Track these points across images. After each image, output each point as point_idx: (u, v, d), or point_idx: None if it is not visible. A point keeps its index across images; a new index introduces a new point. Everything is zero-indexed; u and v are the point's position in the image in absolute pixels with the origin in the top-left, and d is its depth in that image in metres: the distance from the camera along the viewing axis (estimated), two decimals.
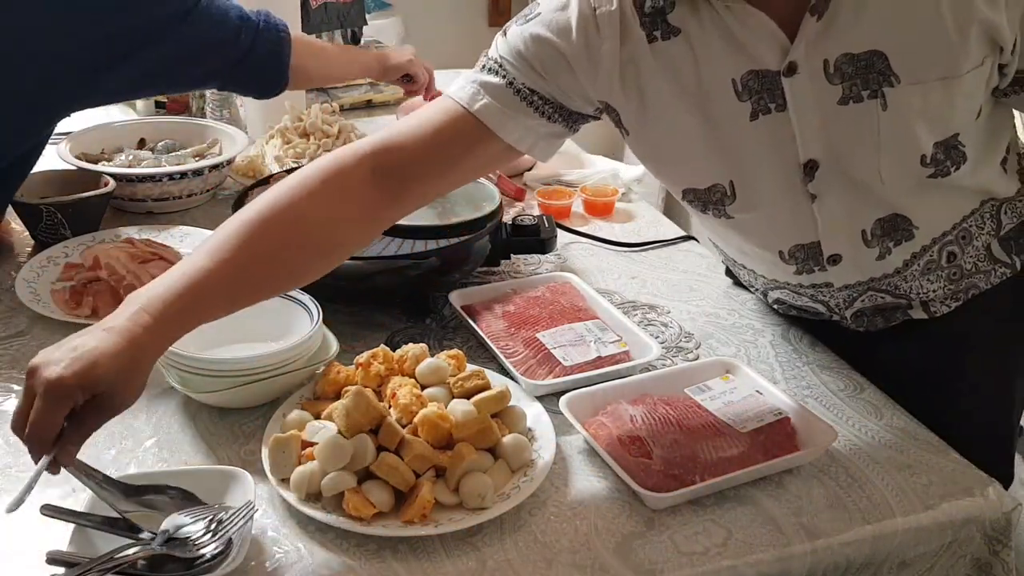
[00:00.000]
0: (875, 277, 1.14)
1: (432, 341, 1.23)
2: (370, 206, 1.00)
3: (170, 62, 1.33)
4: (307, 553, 0.89)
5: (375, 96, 2.12)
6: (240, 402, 1.08)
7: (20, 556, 0.88)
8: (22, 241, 1.46)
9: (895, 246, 1.10)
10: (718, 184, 1.08)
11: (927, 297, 1.17)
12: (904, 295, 1.17)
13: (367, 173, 0.99)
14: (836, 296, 1.18)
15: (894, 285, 1.16)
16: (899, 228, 1.09)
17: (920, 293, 1.17)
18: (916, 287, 1.16)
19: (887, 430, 1.09)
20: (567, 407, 1.04)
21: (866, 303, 1.18)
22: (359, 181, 0.99)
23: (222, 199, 1.62)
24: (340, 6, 2.12)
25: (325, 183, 0.97)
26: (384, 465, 0.93)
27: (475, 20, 3.45)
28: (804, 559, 0.92)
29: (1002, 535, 0.99)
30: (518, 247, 1.39)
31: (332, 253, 1.00)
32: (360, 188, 0.99)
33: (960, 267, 1.16)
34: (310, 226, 0.96)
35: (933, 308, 1.18)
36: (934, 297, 1.17)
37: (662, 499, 0.94)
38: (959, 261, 1.15)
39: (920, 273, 1.15)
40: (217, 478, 0.95)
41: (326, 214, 0.97)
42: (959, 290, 1.17)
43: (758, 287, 1.30)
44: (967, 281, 1.17)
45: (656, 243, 1.53)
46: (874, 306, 1.19)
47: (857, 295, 1.17)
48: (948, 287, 1.17)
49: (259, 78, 1.46)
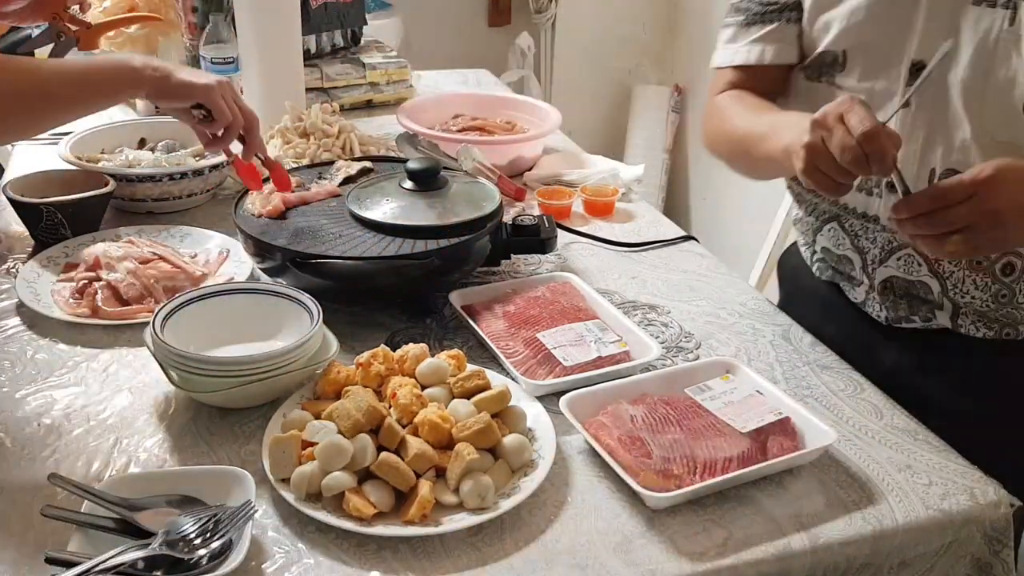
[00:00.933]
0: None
1: (432, 341, 1.23)
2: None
3: None
4: (307, 553, 0.89)
5: (375, 96, 2.13)
6: (240, 402, 1.08)
7: (20, 556, 0.88)
8: (22, 241, 1.46)
9: None
10: (830, 51, 1.14)
11: (962, 301, 1.10)
12: (940, 279, 1.10)
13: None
14: (877, 242, 1.13)
15: (935, 259, 1.08)
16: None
17: (958, 291, 1.10)
18: (957, 279, 1.09)
19: (887, 430, 1.09)
20: (567, 407, 1.04)
21: (900, 269, 1.12)
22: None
23: (222, 199, 1.62)
24: (340, 6, 2.12)
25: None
26: (384, 465, 0.93)
27: (475, 20, 3.45)
28: (804, 559, 0.92)
29: (1002, 535, 0.99)
30: (518, 247, 1.39)
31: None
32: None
33: (1012, 290, 1.09)
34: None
35: (961, 321, 1.12)
36: (969, 307, 1.10)
37: (662, 499, 0.94)
38: (1015, 281, 1.07)
39: (967, 264, 1.07)
40: (217, 478, 0.95)
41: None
42: (997, 318, 1.11)
43: (815, 216, 1.27)
44: (1011, 312, 1.10)
45: (656, 243, 1.53)
46: (905, 280, 1.13)
47: (895, 248, 1.12)
48: (989, 304, 1.10)
49: None
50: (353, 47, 2.21)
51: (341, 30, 2.17)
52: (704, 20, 3.28)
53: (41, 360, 1.17)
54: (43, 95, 1.09)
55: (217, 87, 1.21)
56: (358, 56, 2.15)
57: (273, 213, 1.32)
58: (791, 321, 1.31)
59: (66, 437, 1.04)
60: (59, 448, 1.02)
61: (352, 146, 1.70)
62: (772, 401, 1.07)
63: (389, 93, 2.13)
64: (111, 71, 1.16)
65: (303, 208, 1.35)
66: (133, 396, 1.11)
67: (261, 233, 1.28)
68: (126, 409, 1.09)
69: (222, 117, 1.22)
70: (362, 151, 1.69)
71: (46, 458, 1.01)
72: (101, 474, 0.99)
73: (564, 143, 1.93)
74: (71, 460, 1.01)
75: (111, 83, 1.17)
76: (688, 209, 3.49)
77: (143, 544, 0.85)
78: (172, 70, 1.20)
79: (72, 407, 1.09)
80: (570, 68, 3.47)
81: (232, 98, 1.23)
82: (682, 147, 3.48)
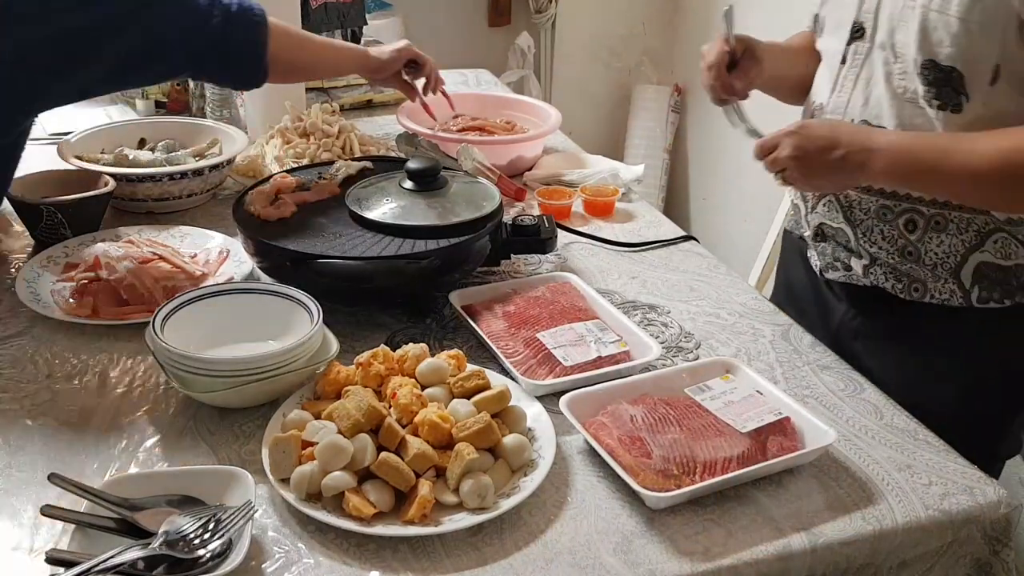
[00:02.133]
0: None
1: (432, 341, 1.23)
2: None
3: (137, 53, 1.26)
4: (307, 553, 0.89)
5: (375, 96, 2.12)
6: (240, 402, 1.08)
7: (20, 556, 0.88)
8: (22, 241, 1.46)
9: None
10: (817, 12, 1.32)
11: (871, 250, 1.24)
12: (853, 226, 1.26)
13: None
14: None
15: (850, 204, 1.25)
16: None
17: (868, 239, 1.24)
18: (867, 227, 1.24)
19: (887, 430, 1.09)
20: (567, 407, 1.04)
21: (825, 216, 1.29)
22: None
23: (222, 199, 1.62)
24: (340, 6, 2.12)
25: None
26: (384, 465, 0.93)
27: (475, 20, 3.45)
28: (804, 559, 0.92)
29: (1002, 535, 0.99)
30: (518, 247, 1.39)
31: None
32: None
33: (918, 249, 1.20)
34: None
35: (873, 271, 1.25)
36: (879, 258, 1.24)
37: (662, 499, 0.94)
38: (920, 241, 1.20)
39: (876, 215, 1.23)
40: (217, 478, 0.95)
41: None
42: (906, 272, 1.22)
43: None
44: (916, 270, 1.21)
45: (656, 243, 1.53)
46: (830, 227, 1.29)
47: (822, 195, 1.29)
48: (896, 258, 1.22)
49: (233, 68, 1.37)
50: None
51: (341, 30, 2.17)
52: (704, 20, 3.27)
53: (41, 360, 1.17)
54: (312, 61, 1.51)
55: (410, 47, 1.62)
56: None
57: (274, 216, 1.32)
58: (791, 321, 1.31)
59: (66, 437, 1.04)
60: (59, 448, 1.02)
61: (352, 146, 1.70)
62: (772, 401, 1.07)
63: (389, 93, 2.13)
64: (352, 52, 1.60)
65: (303, 208, 1.35)
66: (133, 396, 1.11)
67: (261, 233, 1.28)
68: (126, 409, 1.09)
69: (426, 62, 1.62)
70: (362, 151, 1.69)
71: (46, 458, 1.01)
72: (101, 474, 0.99)
73: (564, 143, 1.93)
74: (71, 460, 1.01)
75: (349, 61, 1.58)
76: (688, 209, 3.49)
77: (143, 544, 0.85)
78: (379, 48, 1.62)
79: (72, 407, 1.09)
80: (570, 68, 3.47)
81: (417, 51, 1.63)
82: (682, 147, 3.48)
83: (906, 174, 1.14)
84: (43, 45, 1.19)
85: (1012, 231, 1.17)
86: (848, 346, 1.30)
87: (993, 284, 1.19)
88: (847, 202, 1.26)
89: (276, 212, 1.33)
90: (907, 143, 1.14)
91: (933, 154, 1.11)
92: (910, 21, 1.13)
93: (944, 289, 1.21)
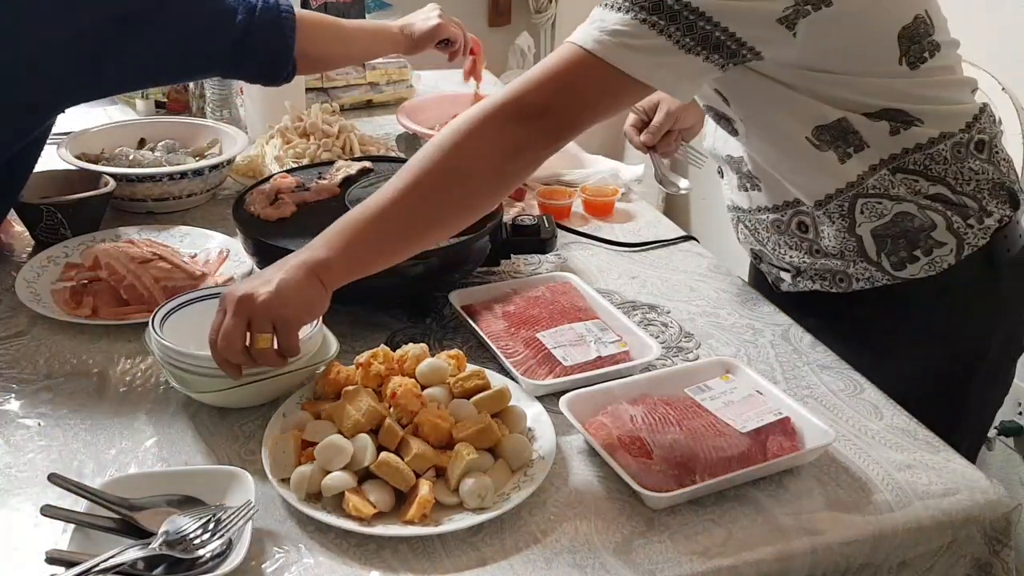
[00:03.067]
0: (739, 207, 1.34)
1: (432, 341, 1.23)
2: None
3: (163, 51, 1.28)
4: (307, 553, 0.89)
5: (375, 96, 2.12)
6: (240, 402, 1.08)
7: (20, 556, 0.88)
8: (22, 241, 1.46)
9: (750, 187, 1.29)
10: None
11: (788, 261, 1.29)
12: (763, 245, 1.31)
13: None
14: (732, 220, 1.38)
15: (753, 226, 1.32)
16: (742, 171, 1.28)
17: (779, 254, 1.29)
18: (773, 244, 1.29)
19: (887, 430, 1.09)
20: (567, 407, 1.04)
21: (743, 240, 1.38)
22: None
23: (222, 199, 1.62)
24: (340, 6, 2.12)
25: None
26: (384, 465, 0.93)
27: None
28: (804, 559, 0.92)
29: (1002, 535, 0.99)
30: (518, 247, 1.39)
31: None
32: None
33: (818, 244, 1.23)
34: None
35: (801, 279, 1.29)
36: (799, 266, 1.28)
37: (662, 499, 0.94)
38: (817, 238, 1.23)
39: (773, 228, 1.28)
40: (217, 478, 0.95)
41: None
42: (824, 272, 1.25)
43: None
44: (827, 263, 1.24)
45: (656, 243, 1.53)
46: (753, 251, 1.37)
47: (736, 222, 1.37)
48: (806, 260, 1.26)
49: (262, 63, 1.38)
50: None
51: None
52: None
53: (41, 360, 1.17)
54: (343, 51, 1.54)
55: (445, 21, 1.64)
56: None
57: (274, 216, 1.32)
58: (791, 321, 1.31)
59: (66, 437, 1.04)
60: (59, 448, 1.02)
61: (352, 146, 1.70)
62: (772, 401, 1.07)
63: (389, 93, 2.13)
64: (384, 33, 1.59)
65: (303, 208, 1.35)
66: (133, 396, 1.11)
67: (261, 233, 1.28)
68: (126, 409, 1.09)
69: (459, 40, 1.67)
70: (362, 151, 1.69)
71: (46, 458, 1.01)
72: (101, 474, 0.98)
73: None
74: (71, 460, 1.01)
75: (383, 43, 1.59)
76: (688, 209, 3.49)
77: (143, 544, 0.85)
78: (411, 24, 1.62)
79: (72, 407, 1.09)
80: None
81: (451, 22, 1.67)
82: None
83: (355, 254, 1.03)
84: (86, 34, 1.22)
85: (867, 193, 1.17)
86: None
87: (893, 241, 1.19)
88: (751, 226, 1.32)
89: (276, 212, 1.33)
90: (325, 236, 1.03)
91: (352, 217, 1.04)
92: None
93: (861, 270, 1.22)
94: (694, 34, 1.01)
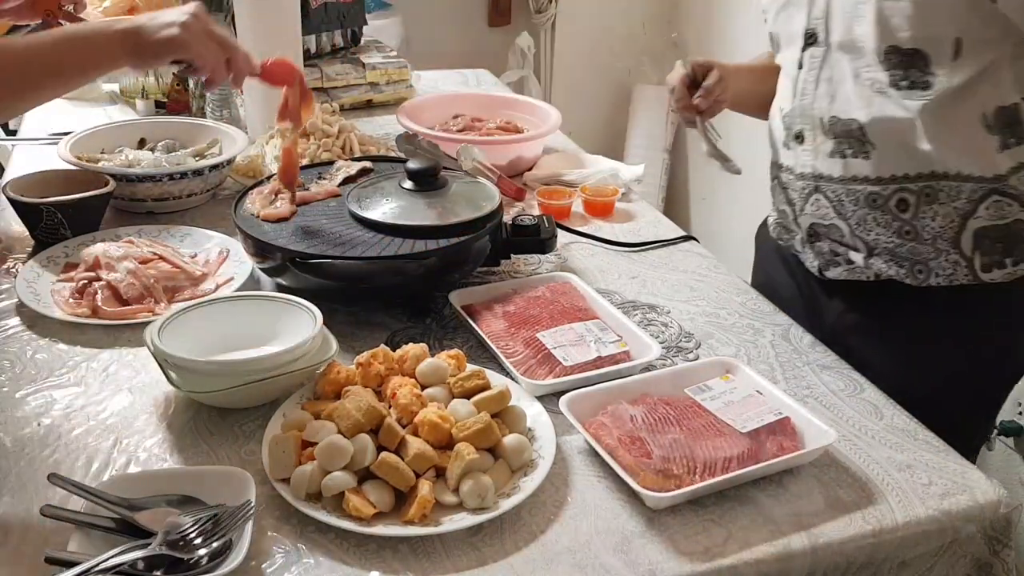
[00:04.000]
0: (823, 174, 1.27)
1: (432, 341, 1.23)
2: None
3: None
4: (307, 553, 0.89)
5: (375, 96, 2.13)
6: (240, 402, 1.08)
7: (20, 556, 0.88)
8: (22, 241, 1.46)
9: (852, 155, 1.24)
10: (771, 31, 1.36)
11: (869, 238, 1.25)
12: (845, 219, 1.27)
13: None
14: (797, 189, 1.32)
15: (838, 198, 1.26)
16: (853, 135, 1.23)
17: (863, 229, 1.25)
18: (859, 218, 1.25)
19: (887, 430, 1.09)
20: (567, 407, 1.04)
21: (815, 215, 1.30)
22: None
23: (222, 199, 1.62)
24: (340, 6, 2.12)
25: None
26: (384, 465, 0.93)
27: (475, 20, 3.45)
28: (804, 559, 0.92)
29: (1002, 535, 0.99)
30: (518, 247, 1.39)
31: None
32: None
33: (914, 226, 1.22)
34: None
35: (874, 261, 1.26)
36: (878, 245, 1.25)
37: (662, 499, 0.94)
38: (914, 218, 1.21)
39: (865, 203, 1.24)
40: (217, 478, 0.95)
41: None
42: (906, 255, 1.24)
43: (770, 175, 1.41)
44: (917, 248, 1.23)
45: (656, 243, 1.53)
46: (822, 225, 1.30)
47: (809, 194, 1.30)
48: (895, 240, 1.24)
49: None
50: (353, 47, 2.21)
51: (341, 30, 2.17)
52: (704, 20, 3.28)
53: (41, 360, 1.17)
54: (19, 71, 1.05)
55: (186, 34, 1.10)
56: (358, 56, 2.15)
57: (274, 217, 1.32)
58: (791, 321, 1.31)
59: (66, 437, 1.04)
60: (59, 448, 1.02)
61: (352, 146, 1.70)
62: (772, 401, 1.07)
63: (389, 93, 2.13)
64: (86, 39, 1.10)
65: (303, 208, 1.35)
66: (133, 396, 1.11)
67: (261, 233, 1.28)
68: (126, 409, 1.09)
69: (203, 63, 1.13)
70: (362, 151, 1.69)
71: (46, 458, 1.01)
72: (101, 474, 0.99)
73: (564, 143, 1.93)
74: (71, 460, 1.01)
75: (87, 53, 1.10)
76: (688, 209, 3.49)
77: (143, 544, 0.85)
78: (140, 32, 1.10)
79: (72, 407, 1.09)
80: (570, 68, 3.47)
81: (205, 32, 1.13)
82: (682, 147, 3.48)
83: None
84: None
85: (1004, 191, 1.19)
86: (843, 342, 1.31)
87: (993, 243, 1.20)
88: (835, 197, 1.27)
89: (276, 212, 1.33)
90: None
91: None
92: (865, 15, 1.16)
93: (947, 263, 1.22)
94: None
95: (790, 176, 1.33)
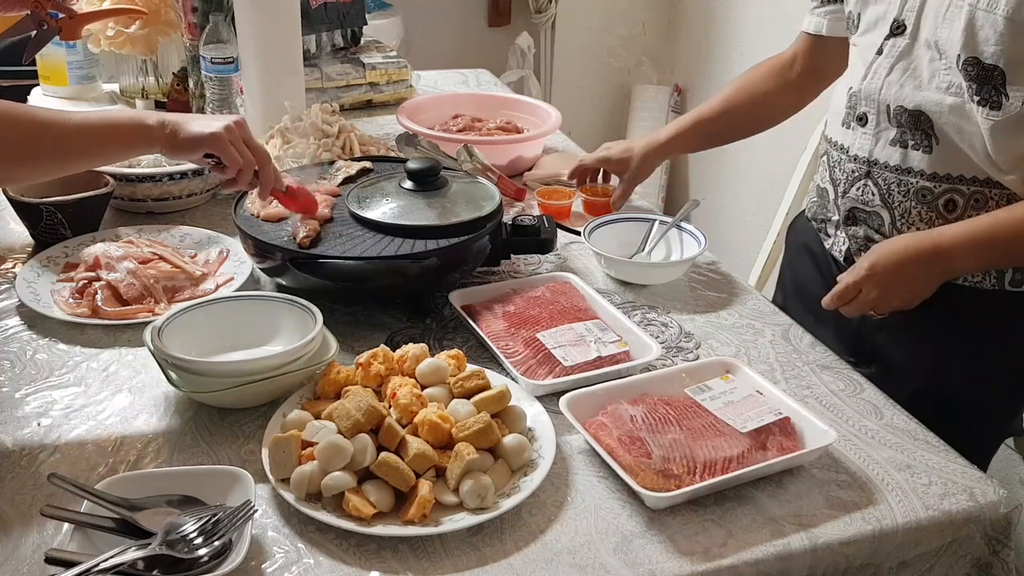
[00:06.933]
0: (878, 161, 1.26)
1: (432, 341, 1.23)
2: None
3: None
4: (307, 553, 0.89)
5: (375, 96, 2.12)
6: (240, 402, 1.08)
7: (20, 556, 0.88)
8: (22, 241, 1.46)
9: (913, 146, 1.22)
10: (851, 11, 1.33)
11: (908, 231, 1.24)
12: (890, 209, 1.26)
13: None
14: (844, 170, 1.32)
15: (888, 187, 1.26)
16: (920, 127, 1.21)
17: (905, 221, 1.25)
18: (905, 209, 1.25)
19: (887, 430, 1.09)
20: (567, 407, 1.04)
21: (858, 200, 1.29)
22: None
23: (222, 199, 1.62)
24: (340, 6, 2.11)
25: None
26: (384, 465, 0.93)
27: (475, 20, 3.45)
28: (804, 559, 0.92)
29: (1002, 535, 0.99)
30: (518, 247, 1.39)
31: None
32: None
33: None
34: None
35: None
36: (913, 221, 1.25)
37: (662, 499, 0.94)
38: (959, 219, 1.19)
39: (915, 196, 1.23)
40: (217, 478, 0.95)
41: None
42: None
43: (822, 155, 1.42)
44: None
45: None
46: (864, 211, 1.29)
47: (856, 179, 1.30)
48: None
49: None
50: (353, 47, 2.21)
51: (341, 30, 2.17)
52: (704, 20, 3.27)
53: (41, 360, 1.17)
54: (53, 148, 1.10)
55: (225, 133, 1.18)
56: (358, 56, 2.15)
57: (274, 217, 1.32)
58: (791, 321, 1.31)
59: (66, 437, 1.04)
60: (59, 448, 1.02)
61: (352, 146, 1.69)
62: (772, 401, 1.07)
63: (389, 93, 2.13)
64: (124, 128, 1.16)
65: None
66: (133, 396, 1.11)
67: (261, 233, 1.28)
68: (126, 409, 1.09)
69: (232, 163, 1.20)
70: (362, 151, 1.69)
71: (46, 458, 1.01)
72: (101, 474, 0.99)
73: (564, 143, 1.93)
74: (71, 460, 1.01)
75: (123, 140, 1.16)
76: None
77: (143, 544, 0.85)
78: (181, 124, 1.17)
79: (72, 407, 1.09)
80: (570, 68, 3.47)
81: (243, 139, 1.21)
82: None
83: (990, 261, 1.20)
84: None
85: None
86: (870, 339, 1.31)
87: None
88: (886, 185, 1.26)
89: (276, 212, 1.32)
90: (972, 233, 1.17)
91: (1006, 233, 1.16)
92: (956, 19, 1.14)
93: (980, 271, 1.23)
94: None
95: (842, 155, 1.32)
